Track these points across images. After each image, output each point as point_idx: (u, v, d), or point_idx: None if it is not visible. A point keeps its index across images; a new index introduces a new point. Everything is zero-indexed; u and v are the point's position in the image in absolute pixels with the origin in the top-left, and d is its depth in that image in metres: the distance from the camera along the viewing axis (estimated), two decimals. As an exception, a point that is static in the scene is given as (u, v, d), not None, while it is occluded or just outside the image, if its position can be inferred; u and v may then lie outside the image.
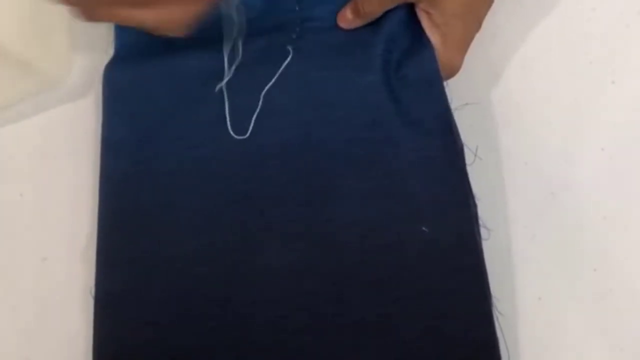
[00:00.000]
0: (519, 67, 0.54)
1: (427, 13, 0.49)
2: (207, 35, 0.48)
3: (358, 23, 0.50)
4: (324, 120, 0.49)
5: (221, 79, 0.49)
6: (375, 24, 0.50)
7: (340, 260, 0.46)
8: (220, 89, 0.49)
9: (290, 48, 0.50)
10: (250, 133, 0.49)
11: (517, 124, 0.53)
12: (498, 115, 0.53)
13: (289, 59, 0.50)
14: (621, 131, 0.53)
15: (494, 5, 0.51)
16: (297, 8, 0.51)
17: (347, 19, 0.50)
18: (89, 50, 0.55)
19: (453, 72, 0.51)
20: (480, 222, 0.49)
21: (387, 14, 0.50)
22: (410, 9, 0.50)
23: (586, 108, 0.53)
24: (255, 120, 0.49)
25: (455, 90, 0.51)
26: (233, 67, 0.49)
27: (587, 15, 0.55)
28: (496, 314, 0.46)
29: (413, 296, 0.46)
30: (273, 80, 0.49)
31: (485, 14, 0.50)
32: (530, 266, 0.50)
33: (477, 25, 0.50)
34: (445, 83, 0.50)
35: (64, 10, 0.43)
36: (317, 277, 0.46)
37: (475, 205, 0.48)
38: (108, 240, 0.48)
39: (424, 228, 0.46)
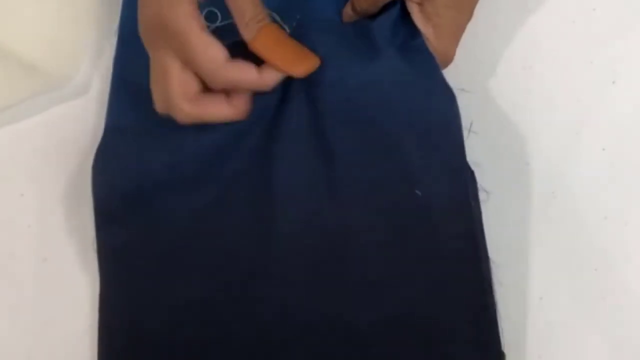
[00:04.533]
0: (520, 67, 0.54)
1: (419, 5, 0.50)
2: None
3: (356, 18, 0.51)
4: (324, 99, 0.49)
5: None
6: (374, 18, 0.51)
7: (339, 221, 0.47)
8: None
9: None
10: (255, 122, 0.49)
11: (517, 124, 0.53)
12: (498, 115, 0.53)
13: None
14: (621, 131, 0.53)
15: (495, 5, 0.51)
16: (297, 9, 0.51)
17: (348, 14, 0.51)
18: (89, 51, 0.55)
19: (447, 62, 0.51)
20: (479, 185, 0.49)
21: (385, 8, 0.50)
22: (402, 2, 0.51)
23: (586, 108, 0.53)
24: (257, 110, 0.49)
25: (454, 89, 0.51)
26: None
27: (587, 16, 0.55)
28: (496, 279, 0.47)
29: (409, 257, 0.47)
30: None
31: (476, 2, 0.50)
32: (531, 266, 0.50)
33: (469, 14, 0.50)
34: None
35: (71, 13, 0.43)
36: (318, 238, 0.47)
37: (471, 171, 0.49)
38: (107, 200, 0.49)
39: (417, 191, 0.47)
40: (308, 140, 0.48)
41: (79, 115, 0.54)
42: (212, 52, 0.44)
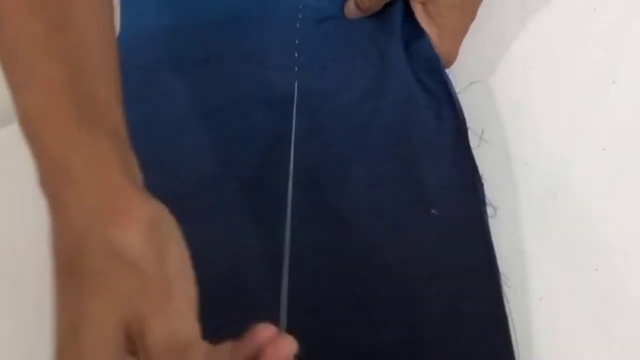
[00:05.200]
0: (520, 68, 0.54)
1: (422, 4, 0.50)
2: None
3: (360, 15, 0.51)
4: (330, 106, 0.49)
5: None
6: (378, 15, 0.51)
7: (353, 243, 0.47)
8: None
9: (295, 41, 0.50)
10: (259, 121, 0.49)
11: (518, 124, 0.53)
12: (498, 115, 0.53)
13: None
14: (621, 131, 0.53)
15: (494, 6, 0.51)
16: (300, 6, 0.51)
17: (351, 11, 0.51)
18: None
19: (450, 61, 0.51)
20: (487, 200, 0.49)
21: (389, 5, 0.51)
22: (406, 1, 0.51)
23: (586, 108, 0.53)
24: (262, 108, 0.49)
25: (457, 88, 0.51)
26: None
27: (588, 16, 0.55)
28: (505, 291, 0.47)
29: (425, 276, 0.47)
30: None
31: (480, 2, 0.50)
32: (531, 266, 0.50)
33: (472, 14, 0.50)
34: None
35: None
36: (330, 260, 0.47)
37: (482, 186, 0.49)
38: None
39: (433, 211, 0.47)
40: (319, 165, 0.48)
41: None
42: None
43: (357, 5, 0.50)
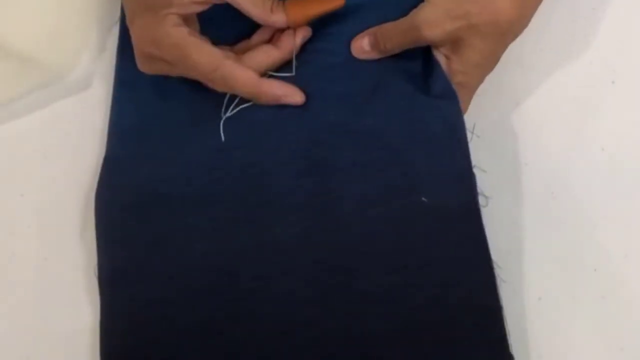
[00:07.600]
0: (519, 67, 0.54)
1: (446, 57, 0.49)
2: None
3: (374, 56, 0.50)
4: (322, 93, 0.49)
5: None
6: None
7: (343, 232, 0.47)
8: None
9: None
10: (249, 107, 0.49)
11: (517, 124, 0.53)
12: (498, 115, 0.53)
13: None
14: (621, 131, 0.53)
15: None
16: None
17: (363, 50, 0.49)
18: (91, 44, 0.55)
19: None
20: (479, 190, 0.49)
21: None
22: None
23: (586, 108, 0.53)
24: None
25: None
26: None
27: (587, 15, 0.54)
28: (499, 281, 0.47)
29: (416, 265, 0.46)
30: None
31: (497, 61, 0.49)
32: (530, 266, 0.50)
33: (490, 71, 0.49)
34: None
35: (72, 5, 0.43)
36: (320, 249, 0.47)
37: (473, 175, 0.48)
38: (108, 218, 0.49)
39: (423, 198, 0.47)
40: (303, 153, 0.48)
41: (80, 113, 0.54)
42: (207, 51, 0.46)
43: (375, 46, 0.49)
